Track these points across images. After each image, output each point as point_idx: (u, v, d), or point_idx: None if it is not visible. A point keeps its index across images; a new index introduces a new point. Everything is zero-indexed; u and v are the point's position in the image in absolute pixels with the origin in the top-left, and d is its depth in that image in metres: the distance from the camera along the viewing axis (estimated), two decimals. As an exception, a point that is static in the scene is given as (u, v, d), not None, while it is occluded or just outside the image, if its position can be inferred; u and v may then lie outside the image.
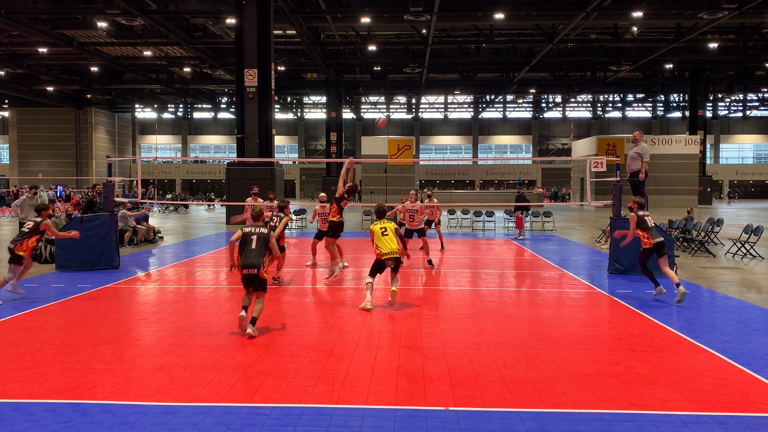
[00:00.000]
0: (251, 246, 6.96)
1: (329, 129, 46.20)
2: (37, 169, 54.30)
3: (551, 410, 4.58)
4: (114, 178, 12.57)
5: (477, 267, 12.36)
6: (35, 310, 7.98)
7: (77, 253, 11.40)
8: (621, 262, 11.13)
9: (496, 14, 26.74)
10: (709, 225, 15.50)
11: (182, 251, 15.10)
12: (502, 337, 6.74)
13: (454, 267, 12.30)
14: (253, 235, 7.03)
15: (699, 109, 44.01)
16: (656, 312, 7.95)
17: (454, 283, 10.39)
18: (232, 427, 4.27)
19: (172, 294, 9.36)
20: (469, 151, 66.87)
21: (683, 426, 4.32)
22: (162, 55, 36.94)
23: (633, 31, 31.75)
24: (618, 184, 11.69)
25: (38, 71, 39.83)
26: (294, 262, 13.20)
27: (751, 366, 5.62)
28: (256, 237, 7.02)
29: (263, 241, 7.03)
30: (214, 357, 5.89)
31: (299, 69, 42.01)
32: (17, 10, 26.22)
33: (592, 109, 65.02)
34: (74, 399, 4.77)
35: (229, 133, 64.74)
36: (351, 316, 7.74)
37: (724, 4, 24.68)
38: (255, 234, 7.05)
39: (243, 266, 6.90)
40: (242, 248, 7.02)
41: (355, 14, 27.72)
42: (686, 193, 40.36)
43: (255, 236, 7.03)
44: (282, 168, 26.61)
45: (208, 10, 27.45)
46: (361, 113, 65.55)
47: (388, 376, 5.34)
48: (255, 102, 23.54)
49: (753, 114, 64.60)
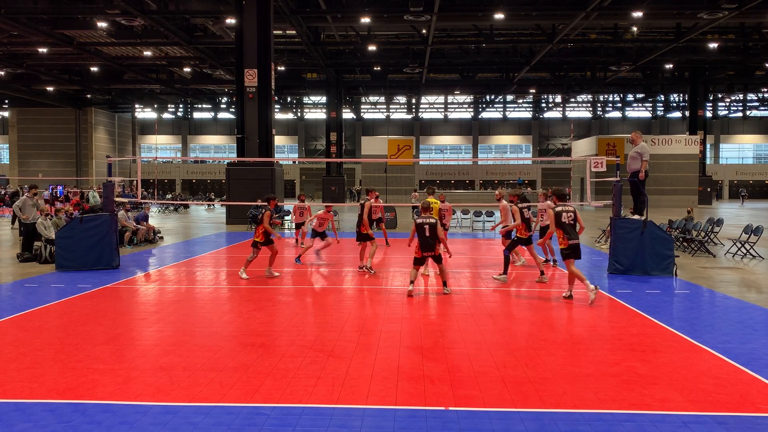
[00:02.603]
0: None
1: (329, 129, 46.20)
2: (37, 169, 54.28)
3: (551, 410, 4.58)
4: (114, 178, 12.56)
5: (477, 267, 12.36)
6: (35, 310, 7.98)
7: (77, 253, 11.40)
8: (621, 262, 11.12)
9: (496, 14, 26.73)
10: (709, 225, 15.50)
11: (182, 251, 15.09)
12: (502, 337, 6.74)
13: (454, 267, 12.29)
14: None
15: (699, 109, 44.03)
16: (656, 312, 7.95)
17: (454, 283, 10.39)
18: (232, 427, 4.27)
19: (172, 294, 9.36)
20: (469, 151, 66.87)
21: (683, 426, 4.32)
22: (162, 55, 36.94)
23: (633, 31, 31.76)
24: (618, 184, 11.69)
25: (38, 71, 39.82)
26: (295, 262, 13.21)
27: (751, 366, 5.62)
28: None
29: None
30: (214, 357, 5.89)
31: (299, 69, 42.01)
32: (17, 10, 26.21)
33: (592, 109, 65.02)
34: (74, 399, 4.77)
35: (229, 133, 64.75)
36: (351, 316, 7.74)
37: (724, 4, 24.67)
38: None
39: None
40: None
41: (355, 14, 27.71)
42: (686, 193, 40.37)
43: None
44: (282, 168, 26.60)
45: (208, 10, 27.46)
46: (361, 113, 65.55)
47: (388, 376, 5.34)
48: (255, 102, 23.54)
49: (753, 114, 64.59)
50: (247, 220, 22.43)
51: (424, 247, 9.10)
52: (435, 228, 9.09)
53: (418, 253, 9.17)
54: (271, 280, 10.68)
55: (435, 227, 9.09)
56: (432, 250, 9.12)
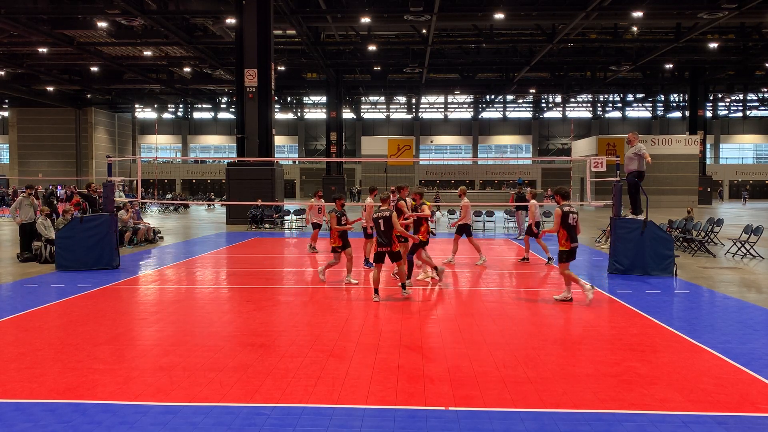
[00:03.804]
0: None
1: (329, 129, 46.21)
2: (37, 169, 54.27)
3: (551, 410, 4.58)
4: (114, 178, 12.56)
5: (477, 267, 12.35)
6: (35, 310, 7.98)
7: (77, 253, 11.40)
8: (621, 262, 11.12)
9: (496, 14, 26.73)
10: (709, 225, 15.49)
11: (182, 251, 15.09)
12: (502, 337, 6.74)
13: (454, 267, 12.29)
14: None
15: (699, 109, 44.02)
16: (656, 312, 7.95)
17: (454, 283, 10.39)
18: (232, 427, 4.27)
19: (172, 294, 9.36)
20: (469, 151, 66.87)
21: (683, 426, 4.32)
22: (162, 55, 36.94)
23: (633, 31, 31.76)
24: (618, 184, 11.69)
25: (38, 71, 39.82)
26: (295, 262, 13.21)
27: (751, 366, 5.62)
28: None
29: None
30: (214, 357, 5.89)
31: (299, 69, 42.00)
32: (17, 10, 26.21)
33: (592, 109, 65.01)
34: (74, 399, 4.77)
35: (229, 133, 64.73)
36: (351, 316, 7.74)
37: (724, 4, 24.67)
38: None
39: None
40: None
41: (355, 14, 27.71)
42: (686, 193, 40.37)
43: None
44: (282, 168, 26.60)
45: (208, 10, 27.46)
46: (361, 113, 65.54)
47: (388, 376, 5.34)
48: (255, 102, 23.54)
49: (753, 114, 64.59)
50: (247, 220, 22.43)
51: (379, 243, 8.69)
52: (389, 221, 8.57)
53: (374, 249, 8.80)
54: (271, 280, 10.68)
55: (389, 220, 8.57)
56: (388, 246, 8.64)
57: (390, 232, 8.65)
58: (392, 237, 8.68)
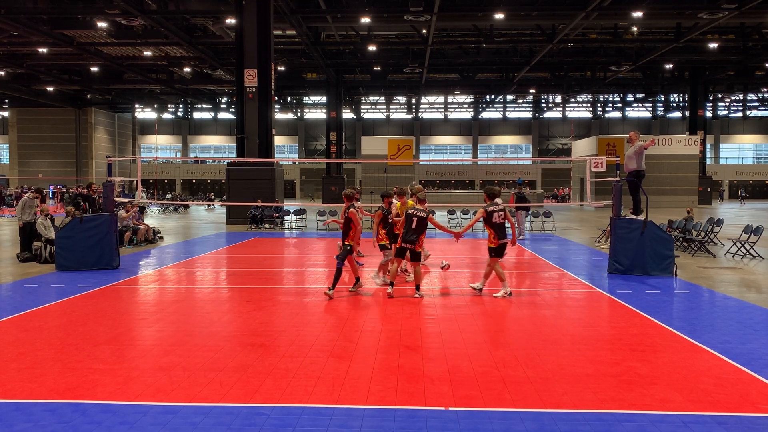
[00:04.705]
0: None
1: (329, 129, 46.22)
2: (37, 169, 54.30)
3: (551, 410, 4.58)
4: (114, 178, 12.56)
5: (477, 267, 12.35)
6: (35, 310, 7.97)
7: (77, 253, 11.40)
8: (621, 262, 11.12)
9: (496, 14, 26.74)
10: (708, 225, 15.49)
11: (182, 251, 15.09)
12: (502, 337, 6.74)
13: (455, 267, 12.28)
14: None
15: (699, 109, 44.03)
16: (656, 312, 7.95)
17: (454, 283, 10.39)
18: (232, 427, 4.27)
19: (172, 294, 9.36)
20: (469, 151, 66.88)
21: (683, 426, 4.31)
22: (162, 55, 36.94)
23: (633, 31, 31.76)
24: (618, 184, 11.69)
25: (38, 71, 39.83)
26: (295, 262, 13.21)
27: (751, 366, 5.62)
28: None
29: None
30: (214, 357, 5.89)
31: (299, 69, 42.01)
32: (17, 10, 26.21)
33: (592, 109, 65.02)
34: (74, 399, 4.77)
35: (229, 133, 64.75)
36: (351, 316, 7.74)
37: (724, 4, 24.68)
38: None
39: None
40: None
41: (355, 14, 27.72)
42: (686, 193, 40.37)
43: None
44: (282, 168, 26.60)
45: (208, 10, 27.46)
46: (361, 113, 65.55)
47: (388, 376, 5.34)
48: (255, 102, 23.54)
49: (753, 114, 64.61)
50: (247, 221, 22.43)
51: (405, 239, 8.90)
52: (423, 222, 8.84)
53: (399, 243, 9.02)
54: (271, 280, 10.68)
55: (423, 221, 8.85)
56: (412, 244, 8.87)
57: (420, 232, 8.89)
58: (420, 237, 8.92)
